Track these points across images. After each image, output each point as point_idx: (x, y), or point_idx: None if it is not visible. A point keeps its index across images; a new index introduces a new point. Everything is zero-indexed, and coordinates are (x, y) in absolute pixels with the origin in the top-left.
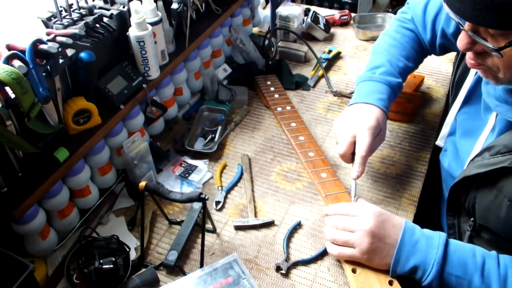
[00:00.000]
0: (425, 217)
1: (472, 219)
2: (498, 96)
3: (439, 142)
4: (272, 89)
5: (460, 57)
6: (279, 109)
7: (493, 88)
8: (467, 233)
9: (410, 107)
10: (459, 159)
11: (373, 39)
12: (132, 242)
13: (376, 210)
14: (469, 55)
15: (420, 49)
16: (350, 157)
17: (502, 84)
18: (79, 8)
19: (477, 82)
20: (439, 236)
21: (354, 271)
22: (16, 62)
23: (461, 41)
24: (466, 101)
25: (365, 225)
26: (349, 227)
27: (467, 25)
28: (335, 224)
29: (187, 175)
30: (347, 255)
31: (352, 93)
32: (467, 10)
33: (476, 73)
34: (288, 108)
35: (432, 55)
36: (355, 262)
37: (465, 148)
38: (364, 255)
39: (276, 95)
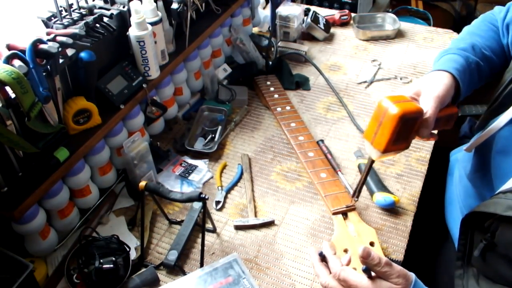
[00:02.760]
0: (426, 214)
1: (488, 234)
2: None
3: (468, 149)
4: (271, 89)
5: None
6: (279, 109)
7: None
8: (480, 244)
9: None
10: (489, 176)
11: (373, 39)
12: (132, 242)
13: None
14: None
15: (501, 49)
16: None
17: None
18: (79, 8)
19: None
20: None
21: None
22: (16, 62)
23: None
24: None
25: None
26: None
27: None
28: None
29: (187, 175)
30: None
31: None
32: None
33: None
34: (288, 108)
35: None
36: (354, 263)
37: (500, 166)
38: None
39: (276, 95)
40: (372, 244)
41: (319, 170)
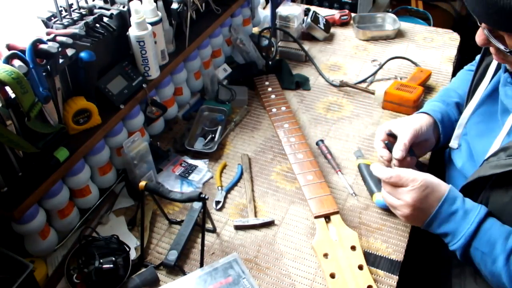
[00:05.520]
0: None
1: None
2: None
3: (453, 143)
4: (269, 89)
5: (479, 62)
6: (274, 110)
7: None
8: None
9: (412, 99)
10: (473, 160)
11: (373, 39)
12: (132, 242)
13: (422, 184)
14: (492, 51)
15: None
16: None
17: None
18: (79, 8)
19: (495, 85)
20: (478, 212)
21: (332, 276)
22: (16, 62)
23: (479, 37)
24: (482, 103)
25: (408, 198)
26: (394, 194)
27: (483, 24)
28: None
29: (187, 175)
30: (395, 212)
31: (358, 83)
32: (481, 12)
33: (493, 77)
34: (283, 109)
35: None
36: (334, 267)
37: (479, 149)
38: (405, 219)
39: (273, 96)
40: (353, 248)
41: (306, 172)
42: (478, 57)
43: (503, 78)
